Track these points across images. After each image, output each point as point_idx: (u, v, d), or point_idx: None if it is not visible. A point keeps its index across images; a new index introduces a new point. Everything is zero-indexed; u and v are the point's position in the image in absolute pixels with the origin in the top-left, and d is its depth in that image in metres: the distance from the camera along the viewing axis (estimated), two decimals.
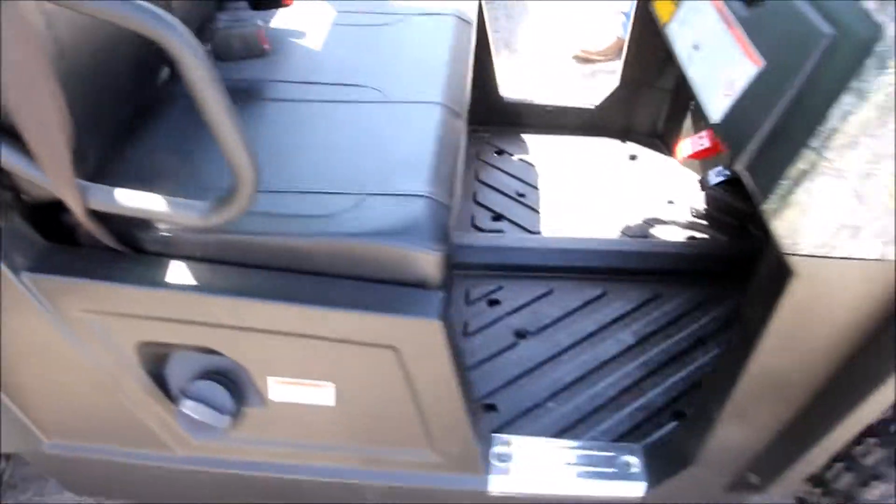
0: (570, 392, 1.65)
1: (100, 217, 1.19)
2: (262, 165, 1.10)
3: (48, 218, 1.25)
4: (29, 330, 1.28)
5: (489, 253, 1.91)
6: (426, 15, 1.83)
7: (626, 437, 1.58)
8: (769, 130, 1.05)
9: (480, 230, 2.02)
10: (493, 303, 1.84)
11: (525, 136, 2.37)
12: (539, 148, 2.33)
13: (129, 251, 1.26)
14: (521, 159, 2.27)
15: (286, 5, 1.83)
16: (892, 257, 1.02)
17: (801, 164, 0.98)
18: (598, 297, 1.85)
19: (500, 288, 1.88)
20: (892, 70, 0.90)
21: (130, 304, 1.23)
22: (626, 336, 1.78)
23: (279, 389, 1.33)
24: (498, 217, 2.06)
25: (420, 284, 1.21)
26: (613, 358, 1.73)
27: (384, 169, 1.32)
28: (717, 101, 1.22)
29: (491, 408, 1.62)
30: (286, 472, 1.49)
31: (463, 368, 1.30)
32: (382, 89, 1.56)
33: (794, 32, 1.07)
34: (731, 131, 1.16)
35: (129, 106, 1.45)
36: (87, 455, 1.51)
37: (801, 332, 1.14)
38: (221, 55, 1.65)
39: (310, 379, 1.30)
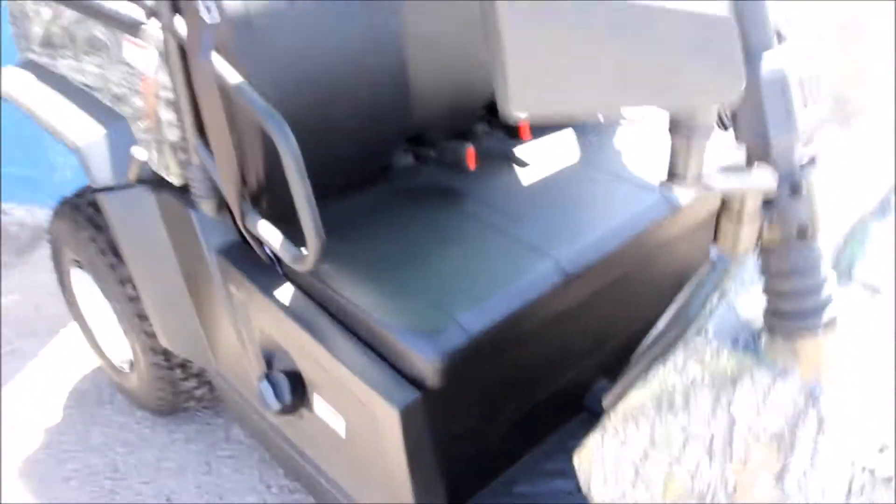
0: None
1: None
2: (383, 250, 1.62)
3: None
4: (210, 290, 1.84)
5: None
6: (633, 184, 1.84)
7: None
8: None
9: None
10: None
11: None
12: None
13: (274, 264, 1.71)
14: None
15: (523, 140, 2.00)
16: None
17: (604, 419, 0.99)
18: None
19: None
20: (670, 367, 0.88)
21: (256, 301, 1.67)
22: None
23: (320, 405, 1.63)
24: None
25: (417, 381, 1.42)
26: None
27: (453, 288, 1.53)
28: None
29: None
30: (312, 467, 1.79)
31: (431, 469, 1.47)
32: (523, 228, 1.67)
33: None
34: None
35: (344, 173, 1.81)
36: (225, 386, 2.06)
37: None
38: (439, 159, 1.92)
39: (333, 408, 1.59)
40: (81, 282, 2.38)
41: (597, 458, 1.04)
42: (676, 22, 0.73)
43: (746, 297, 0.98)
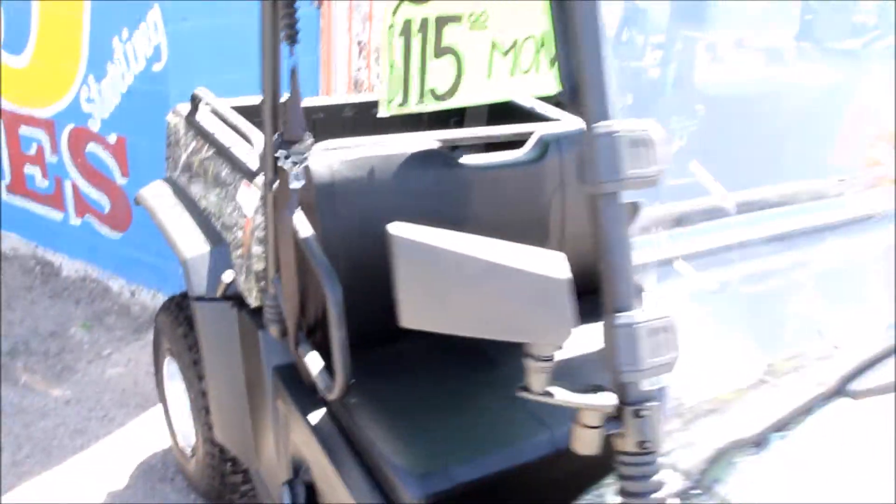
0: None
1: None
2: (405, 397, 1.83)
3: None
4: (262, 400, 2.12)
5: None
6: None
7: None
8: None
9: None
10: None
11: None
12: None
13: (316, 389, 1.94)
14: None
15: None
16: None
17: None
18: None
19: None
20: None
21: (294, 417, 1.96)
22: None
23: None
24: None
25: None
26: None
27: (452, 439, 1.74)
28: None
29: None
30: None
31: None
32: None
33: None
34: None
35: (393, 322, 2.06)
36: (261, 487, 2.37)
37: None
38: None
39: None
40: (171, 369, 2.75)
41: None
42: (521, 279, 1.00)
43: None
